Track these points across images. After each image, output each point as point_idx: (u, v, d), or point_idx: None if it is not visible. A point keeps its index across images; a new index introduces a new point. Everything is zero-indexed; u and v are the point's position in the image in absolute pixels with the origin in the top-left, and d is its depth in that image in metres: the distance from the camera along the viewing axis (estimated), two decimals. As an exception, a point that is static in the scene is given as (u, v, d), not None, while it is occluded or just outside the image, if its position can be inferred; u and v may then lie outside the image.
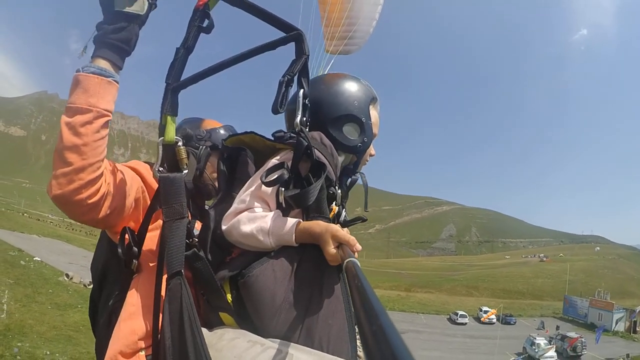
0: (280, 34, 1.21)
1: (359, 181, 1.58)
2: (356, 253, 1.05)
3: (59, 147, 1.08)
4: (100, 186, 1.13)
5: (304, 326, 1.08)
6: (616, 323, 46.74)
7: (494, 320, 50.50)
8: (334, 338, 1.07)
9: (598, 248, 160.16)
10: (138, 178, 1.33)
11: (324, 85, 1.45)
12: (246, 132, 1.40)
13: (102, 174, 1.13)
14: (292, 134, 1.30)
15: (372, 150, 1.55)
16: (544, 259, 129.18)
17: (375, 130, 1.53)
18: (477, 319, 51.63)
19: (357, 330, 1.14)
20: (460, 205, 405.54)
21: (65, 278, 21.74)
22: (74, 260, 30.59)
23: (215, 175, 1.63)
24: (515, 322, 52.43)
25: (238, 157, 1.40)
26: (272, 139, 1.36)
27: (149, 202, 1.32)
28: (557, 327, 45.36)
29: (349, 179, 1.50)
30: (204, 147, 1.64)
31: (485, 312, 51.41)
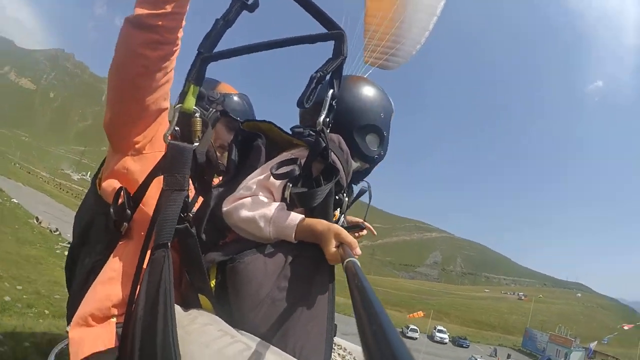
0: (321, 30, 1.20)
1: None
2: (356, 256, 1.03)
3: None
4: (177, 39, 1.19)
5: (282, 327, 1.05)
6: (565, 358, 46.17)
7: (446, 341, 51.21)
8: (309, 345, 1.05)
9: (579, 294, 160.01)
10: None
11: (356, 90, 1.45)
12: (265, 121, 1.38)
13: (181, 26, 1.18)
14: (311, 132, 1.30)
15: None
16: (523, 297, 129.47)
17: None
18: (430, 337, 51.88)
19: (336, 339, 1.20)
20: (449, 234, 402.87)
21: (35, 221, 22.68)
22: (49, 211, 30.92)
23: (218, 142, 1.59)
24: (468, 346, 52.96)
25: (252, 142, 1.36)
26: (290, 133, 1.34)
27: (153, 141, 1.32)
28: (509, 356, 46.08)
29: (359, 190, 1.53)
30: (215, 110, 1.57)
31: (440, 331, 52.09)
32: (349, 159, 1.34)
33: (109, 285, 1.12)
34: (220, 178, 1.46)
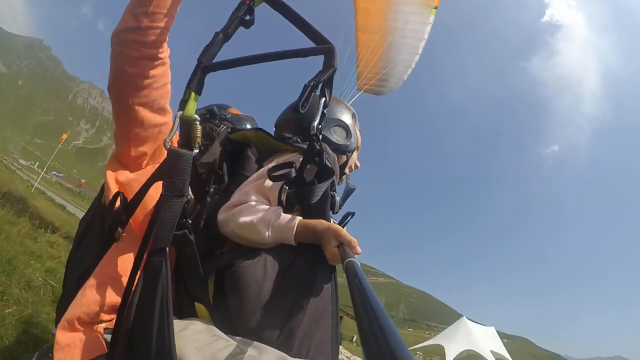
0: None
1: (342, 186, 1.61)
2: (356, 255, 1.03)
3: None
4: (163, 48, 1.18)
5: (285, 328, 1.02)
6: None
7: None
8: (315, 345, 1.02)
9: (506, 340, 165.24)
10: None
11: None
12: (252, 129, 1.43)
13: (167, 33, 1.18)
14: (299, 138, 1.41)
15: (357, 162, 1.72)
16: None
17: (359, 142, 1.70)
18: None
19: (341, 339, 1.20)
20: (396, 281, 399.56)
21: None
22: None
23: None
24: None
25: (242, 152, 1.42)
26: (278, 139, 1.42)
27: (151, 148, 1.34)
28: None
29: (347, 189, 1.57)
30: (225, 127, 1.60)
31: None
32: (336, 162, 1.43)
33: (99, 290, 1.08)
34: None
